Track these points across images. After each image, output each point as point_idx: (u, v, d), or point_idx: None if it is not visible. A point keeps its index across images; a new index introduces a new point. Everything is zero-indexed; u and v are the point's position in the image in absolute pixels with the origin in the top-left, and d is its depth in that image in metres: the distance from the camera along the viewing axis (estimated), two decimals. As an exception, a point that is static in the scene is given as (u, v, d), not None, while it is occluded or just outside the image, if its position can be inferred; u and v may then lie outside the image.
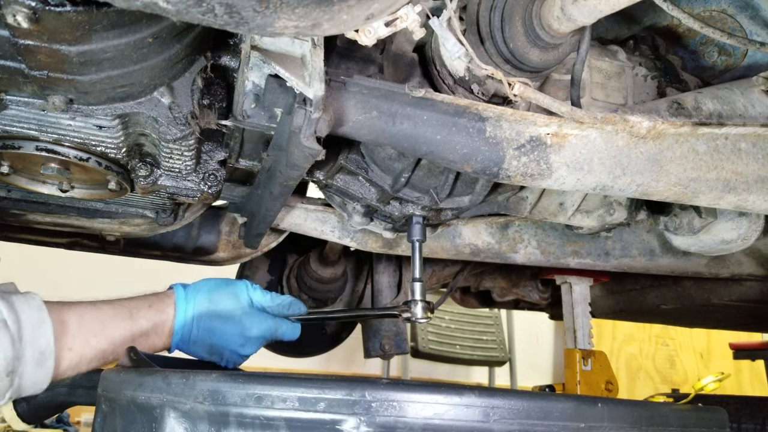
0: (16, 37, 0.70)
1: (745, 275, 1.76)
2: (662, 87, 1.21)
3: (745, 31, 1.18)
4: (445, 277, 2.09)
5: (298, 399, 0.71)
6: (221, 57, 0.97)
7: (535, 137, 0.98)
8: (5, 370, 0.87)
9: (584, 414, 0.75)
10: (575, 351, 1.90)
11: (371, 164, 1.13)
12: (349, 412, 0.70)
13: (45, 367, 0.93)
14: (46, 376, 0.94)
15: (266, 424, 0.71)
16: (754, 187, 1.09)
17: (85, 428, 3.38)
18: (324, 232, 1.51)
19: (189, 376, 0.76)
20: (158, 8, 0.51)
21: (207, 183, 1.11)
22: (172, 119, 0.92)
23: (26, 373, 0.91)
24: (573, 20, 0.86)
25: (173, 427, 0.75)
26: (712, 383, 1.40)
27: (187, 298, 1.20)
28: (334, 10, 0.56)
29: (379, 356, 1.89)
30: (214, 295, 1.22)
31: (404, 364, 4.49)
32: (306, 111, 0.84)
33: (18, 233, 1.46)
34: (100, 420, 0.89)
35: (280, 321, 1.26)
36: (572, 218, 1.38)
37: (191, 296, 1.21)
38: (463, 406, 0.71)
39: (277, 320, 1.26)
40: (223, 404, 0.72)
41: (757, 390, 4.98)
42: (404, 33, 1.01)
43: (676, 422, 0.83)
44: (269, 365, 3.16)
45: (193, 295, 1.21)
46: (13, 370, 0.88)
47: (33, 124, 0.93)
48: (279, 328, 1.25)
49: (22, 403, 1.36)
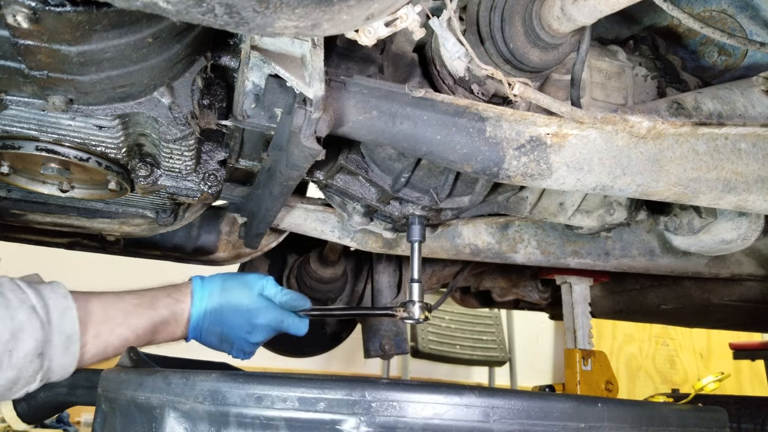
0: (16, 37, 0.70)
1: (745, 275, 1.76)
2: (662, 87, 1.21)
3: (745, 31, 1.18)
4: (445, 277, 2.09)
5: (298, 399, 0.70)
6: (221, 57, 0.97)
7: (535, 137, 0.98)
8: (36, 351, 0.91)
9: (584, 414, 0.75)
10: (575, 351, 1.90)
11: (371, 164, 1.13)
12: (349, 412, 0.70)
13: (71, 351, 0.97)
14: (73, 360, 0.98)
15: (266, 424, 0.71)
16: (754, 187, 1.09)
17: (85, 428, 3.38)
18: (324, 232, 1.51)
19: (189, 376, 0.76)
20: (158, 8, 0.51)
21: (207, 183, 1.11)
22: (172, 119, 0.92)
23: (55, 357, 0.94)
24: (573, 20, 0.86)
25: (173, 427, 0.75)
26: (712, 383, 1.40)
27: (203, 288, 1.25)
28: (334, 11, 0.56)
29: (379, 356, 1.89)
30: (227, 284, 1.28)
31: (404, 364, 4.50)
32: (306, 111, 0.84)
33: (18, 233, 1.46)
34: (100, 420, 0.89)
35: (286, 313, 1.31)
36: (572, 218, 1.38)
37: (207, 286, 1.26)
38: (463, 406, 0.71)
39: (284, 312, 1.31)
40: (223, 404, 0.72)
41: (757, 390, 4.98)
42: (404, 33, 1.01)
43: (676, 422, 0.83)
44: (269, 365, 3.16)
45: (208, 285, 1.26)
46: (43, 353, 0.92)
47: (33, 124, 0.93)
48: (285, 319, 1.30)
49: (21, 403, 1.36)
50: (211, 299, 1.24)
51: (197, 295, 1.24)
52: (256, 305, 1.28)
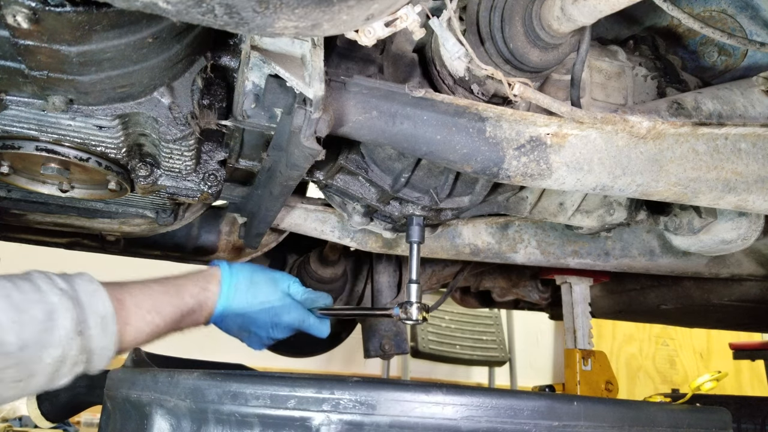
0: (16, 37, 0.70)
1: (745, 275, 1.75)
2: (662, 87, 1.21)
3: (745, 31, 1.18)
4: (445, 277, 2.09)
5: (270, 397, 0.73)
6: (221, 57, 0.97)
7: (535, 137, 0.98)
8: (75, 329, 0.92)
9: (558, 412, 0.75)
10: (575, 351, 1.90)
11: (371, 164, 1.13)
12: (317, 409, 0.72)
13: (109, 331, 0.98)
14: (112, 341, 0.99)
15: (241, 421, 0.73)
16: (754, 187, 1.09)
17: (85, 428, 3.38)
18: (324, 232, 1.51)
19: (173, 375, 0.79)
20: (158, 8, 0.51)
21: (207, 183, 1.11)
22: (172, 119, 0.92)
23: (94, 337, 0.95)
24: (573, 20, 0.86)
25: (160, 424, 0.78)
26: (709, 382, 1.39)
27: (232, 277, 1.26)
28: (333, 11, 0.56)
29: (379, 356, 1.89)
30: (256, 277, 1.30)
31: (404, 364, 4.49)
32: (306, 111, 0.84)
33: (18, 233, 1.46)
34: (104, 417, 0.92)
35: (308, 313, 1.34)
36: (572, 218, 1.38)
37: (235, 276, 1.27)
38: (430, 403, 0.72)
39: (306, 312, 1.34)
40: (203, 401, 0.75)
41: (757, 390, 4.98)
42: (404, 33, 1.01)
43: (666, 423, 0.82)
44: (270, 365, 3.16)
45: (236, 275, 1.27)
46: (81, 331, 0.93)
47: (33, 124, 0.93)
48: (306, 319, 1.33)
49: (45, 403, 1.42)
50: (239, 291, 1.26)
51: (225, 284, 1.25)
52: (282, 302, 1.31)
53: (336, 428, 0.71)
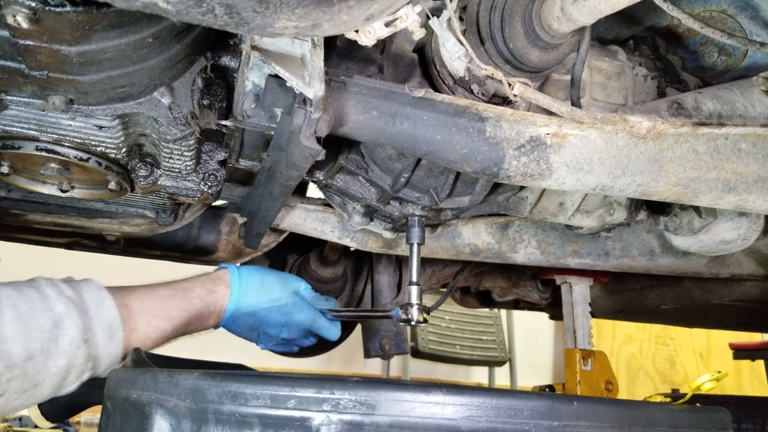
0: (16, 37, 0.70)
1: (745, 275, 1.75)
2: (662, 87, 1.21)
3: (745, 31, 1.18)
4: (445, 278, 2.09)
5: (270, 397, 0.73)
6: (221, 57, 0.97)
7: (535, 137, 0.98)
8: (81, 337, 0.93)
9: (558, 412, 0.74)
10: (575, 351, 1.90)
11: (371, 164, 1.13)
12: (317, 409, 0.72)
13: (116, 339, 0.99)
14: (119, 348, 1.00)
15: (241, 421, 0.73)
16: (754, 187, 1.09)
17: (85, 428, 3.38)
18: (324, 232, 1.51)
19: (173, 375, 0.78)
20: (158, 8, 0.51)
21: (207, 183, 1.11)
22: (172, 119, 0.92)
23: (100, 344, 0.96)
24: (573, 20, 0.86)
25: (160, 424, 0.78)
26: (709, 382, 1.39)
27: (241, 280, 1.27)
28: (333, 11, 0.56)
29: (379, 356, 1.89)
30: (267, 279, 1.32)
31: (404, 364, 4.50)
32: (306, 111, 0.84)
33: (18, 233, 1.46)
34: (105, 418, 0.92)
35: (318, 313, 1.36)
36: (572, 218, 1.38)
37: (245, 279, 1.28)
38: (430, 403, 0.72)
39: (317, 312, 1.36)
40: (203, 401, 0.75)
41: (757, 390, 4.98)
42: (404, 33, 1.01)
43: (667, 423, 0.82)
44: (270, 365, 3.16)
45: (246, 278, 1.29)
46: (88, 339, 0.94)
47: (33, 124, 0.93)
48: (317, 320, 1.35)
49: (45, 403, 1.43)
50: (249, 293, 1.27)
51: (235, 287, 1.25)
52: (292, 302, 1.32)
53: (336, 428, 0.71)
